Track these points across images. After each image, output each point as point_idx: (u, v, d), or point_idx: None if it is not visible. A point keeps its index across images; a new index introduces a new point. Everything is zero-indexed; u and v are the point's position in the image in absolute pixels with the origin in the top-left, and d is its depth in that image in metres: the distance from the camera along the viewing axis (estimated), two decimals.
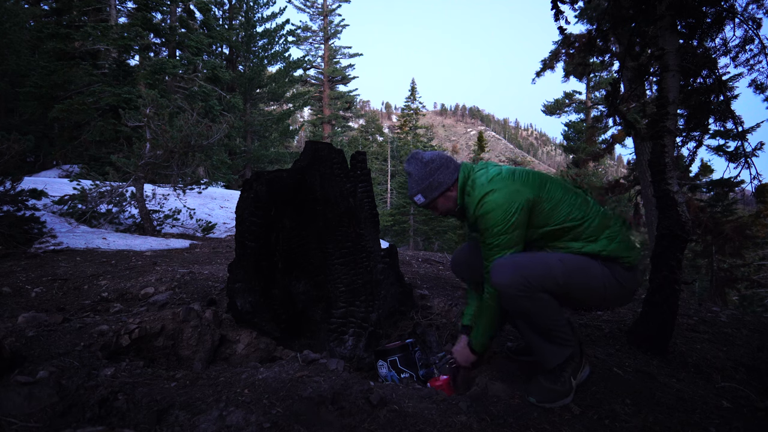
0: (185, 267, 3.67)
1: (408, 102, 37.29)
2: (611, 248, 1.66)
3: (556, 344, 1.67)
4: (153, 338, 2.04)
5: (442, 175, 1.77)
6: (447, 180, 1.77)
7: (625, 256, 1.67)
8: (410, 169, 1.81)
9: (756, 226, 7.89)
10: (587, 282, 1.63)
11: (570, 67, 8.70)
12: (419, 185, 1.79)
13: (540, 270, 1.57)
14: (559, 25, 3.11)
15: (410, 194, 1.83)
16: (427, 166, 1.78)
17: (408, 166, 1.83)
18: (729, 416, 1.67)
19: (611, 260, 1.66)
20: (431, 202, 1.81)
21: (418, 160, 1.81)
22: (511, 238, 1.62)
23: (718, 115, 2.77)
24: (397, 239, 24.08)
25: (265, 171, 2.24)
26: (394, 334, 2.49)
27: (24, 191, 4.53)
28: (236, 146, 18.16)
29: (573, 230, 1.66)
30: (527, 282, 1.54)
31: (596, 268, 1.64)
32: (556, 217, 1.66)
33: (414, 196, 1.81)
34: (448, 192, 1.79)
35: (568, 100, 20.42)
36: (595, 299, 1.71)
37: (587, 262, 1.64)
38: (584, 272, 1.62)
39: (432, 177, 1.77)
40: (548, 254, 1.66)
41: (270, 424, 1.38)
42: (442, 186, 1.77)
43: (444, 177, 1.77)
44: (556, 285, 1.58)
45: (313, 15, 30.49)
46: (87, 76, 12.17)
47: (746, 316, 3.20)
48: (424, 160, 1.79)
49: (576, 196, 1.72)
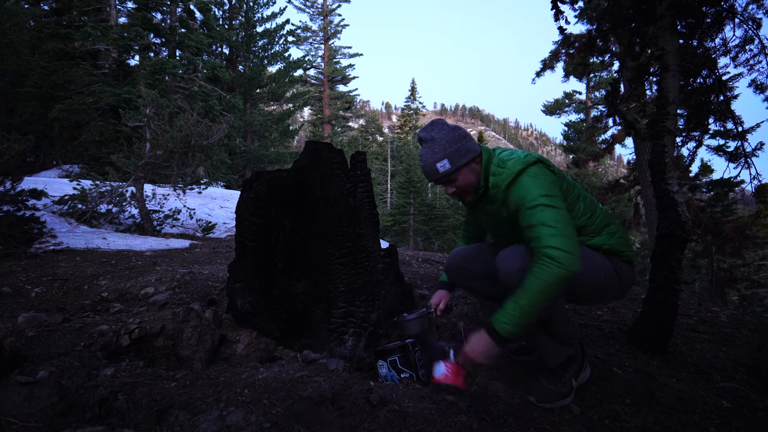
0: (185, 267, 3.67)
1: (408, 102, 37.33)
2: (612, 242, 1.69)
3: (559, 342, 1.68)
4: (153, 338, 2.04)
5: (470, 143, 1.62)
6: (476, 148, 1.62)
7: (625, 251, 1.72)
8: (433, 134, 1.61)
9: (756, 226, 7.89)
10: (593, 271, 1.64)
11: (570, 67, 8.70)
12: (445, 150, 1.58)
13: None
14: (559, 25, 3.12)
15: (430, 161, 1.60)
16: (455, 131, 1.62)
17: (429, 131, 1.62)
18: (729, 416, 1.67)
19: (611, 253, 1.70)
20: (456, 170, 1.61)
21: (443, 125, 1.63)
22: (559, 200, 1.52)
23: (718, 115, 2.77)
24: (397, 239, 24.07)
25: (265, 171, 2.24)
26: (394, 334, 2.49)
27: (24, 191, 4.53)
28: (236, 146, 18.16)
29: (582, 227, 1.68)
30: None
31: (599, 257, 1.67)
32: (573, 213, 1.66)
33: (437, 162, 1.58)
34: (474, 163, 1.62)
35: (568, 100, 20.43)
36: (596, 290, 1.71)
37: (592, 252, 1.66)
38: (591, 261, 1.64)
39: (461, 143, 1.60)
40: None
41: (270, 424, 1.38)
42: (470, 153, 1.60)
43: (472, 145, 1.63)
44: None
45: (313, 15, 30.52)
46: (87, 76, 12.17)
47: (746, 316, 3.20)
48: (450, 126, 1.63)
49: (585, 193, 1.75)
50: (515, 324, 1.44)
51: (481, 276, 1.90)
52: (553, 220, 1.45)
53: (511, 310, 1.45)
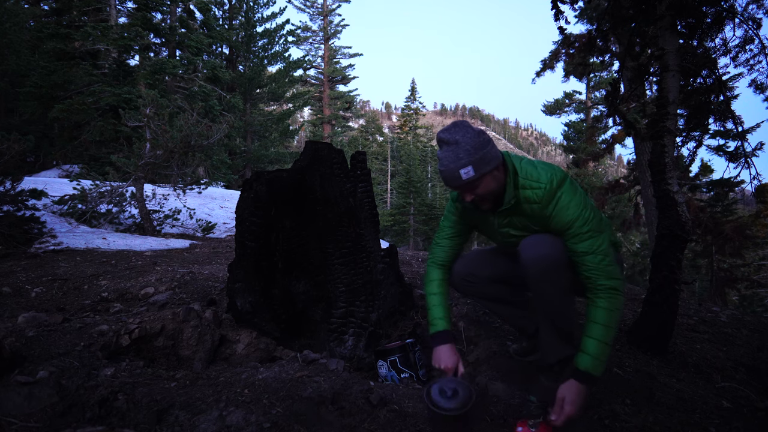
0: (185, 267, 3.67)
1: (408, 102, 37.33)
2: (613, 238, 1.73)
3: (563, 340, 1.68)
4: (153, 338, 2.04)
5: (494, 150, 1.54)
6: (498, 155, 1.56)
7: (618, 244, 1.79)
8: (457, 137, 1.51)
9: (756, 226, 7.88)
10: None
11: (570, 67, 8.70)
12: (471, 156, 1.48)
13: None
14: (559, 25, 3.12)
15: (453, 167, 1.49)
16: (480, 135, 1.52)
17: (453, 134, 1.52)
18: (729, 416, 1.67)
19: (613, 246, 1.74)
20: (480, 177, 1.52)
21: (468, 128, 1.54)
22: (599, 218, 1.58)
23: (718, 115, 2.77)
24: (397, 239, 24.08)
25: (265, 171, 2.24)
26: (394, 334, 2.48)
27: (24, 191, 4.54)
28: (236, 146, 18.16)
29: None
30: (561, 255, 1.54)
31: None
32: None
33: (461, 168, 1.48)
34: (496, 171, 1.56)
35: (568, 100, 20.42)
36: None
37: None
38: None
39: (485, 149, 1.51)
40: None
41: (270, 424, 1.38)
42: (494, 161, 1.53)
43: (496, 152, 1.55)
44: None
45: (313, 15, 30.52)
46: (87, 76, 12.18)
47: (746, 316, 3.20)
48: (476, 129, 1.53)
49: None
50: (605, 361, 1.49)
51: (490, 280, 1.89)
52: (604, 250, 1.52)
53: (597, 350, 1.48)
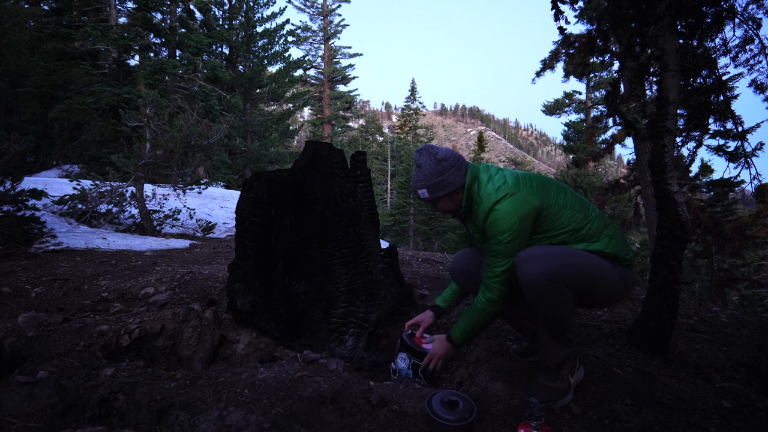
0: (185, 267, 3.67)
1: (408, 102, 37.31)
2: (612, 246, 1.69)
3: (562, 342, 1.68)
4: (153, 338, 2.04)
5: (452, 176, 1.73)
6: (456, 182, 1.73)
7: (625, 255, 1.71)
8: (421, 161, 1.75)
9: (756, 226, 7.89)
10: (603, 276, 1.65)
11: (570, 67, 8.70)
12: (427, 180, 1.73)
13: (566, 262, 1.58)
14: (559, 25, 3.11)
15: (415, 185, 1.78)
16: (440, 164, 1.72)
17: (419, 157, 1.76)
18: (729, 416, 1.67)
19: (612, 258, 1.69)
20: (434, 200, 1.77)
21: (432, 155, 1.75)
22: (516, 246, 1.64)
23: (718, 115, 2.77)
24: (397, 239, 24.07)
25: (265, 171, 2.24)
26: (394, 334, 2.49)
27: (24, 191, 4.54)
28: (236, 146, 18.16)
29: (577, 232, 1.68)
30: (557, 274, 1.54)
31: (607, 264, 1.68)
32: (561, 221, 1.67)
33: (419, 189, 1.76)
34: (455, 194, 1.76)
35: (568, 100, 20.43)
36: (605, 296, 1.73)
37: (598, 260, 1.67)
38: (599, 267, 1.65)
39: (442, 176, 1.72)
40: (570, 248, 1.66)
41: (270, 424, 1.38)
42: (449, 187, 1.73)
43: (454, 179, 1.73)
44: (581, 278, 1.59)
45: (313, 15, 30.53)
46: (87, 76, 12.18)
47: (746, 316, 3.20)
48: (438, 157, 1.74)
49: (575, 198, 1.74)
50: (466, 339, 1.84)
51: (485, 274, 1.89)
52: (499, 273, 1.68)
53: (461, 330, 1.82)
